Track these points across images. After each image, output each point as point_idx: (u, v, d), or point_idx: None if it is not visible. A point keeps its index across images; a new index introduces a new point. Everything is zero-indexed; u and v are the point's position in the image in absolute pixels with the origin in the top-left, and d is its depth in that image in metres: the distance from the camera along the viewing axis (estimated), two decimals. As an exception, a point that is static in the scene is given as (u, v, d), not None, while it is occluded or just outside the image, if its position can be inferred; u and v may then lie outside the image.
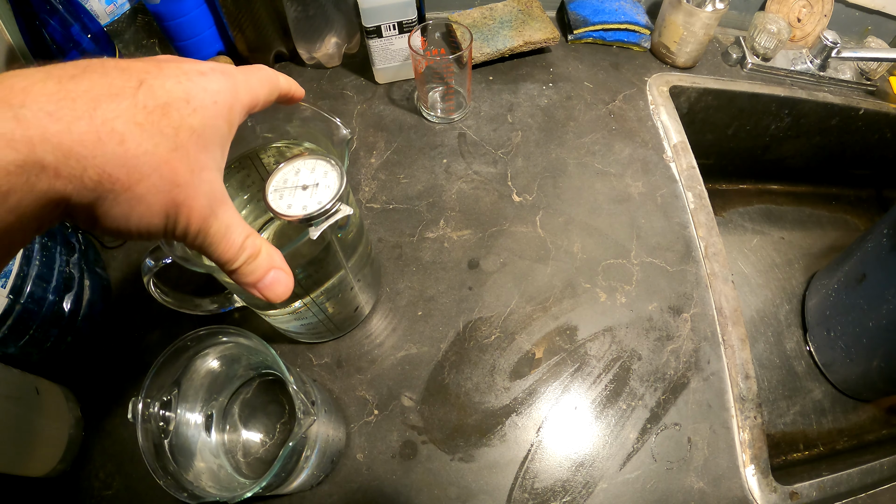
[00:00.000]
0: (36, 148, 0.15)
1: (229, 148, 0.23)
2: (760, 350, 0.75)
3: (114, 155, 0.17)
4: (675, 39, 0.70)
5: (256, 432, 0.44)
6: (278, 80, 0.26)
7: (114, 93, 0.17)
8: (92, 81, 0.17)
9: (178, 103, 0.19)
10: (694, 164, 0.64)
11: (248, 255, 0.22)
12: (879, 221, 0.62)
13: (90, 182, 0.17)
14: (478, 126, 0.66)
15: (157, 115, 0.18)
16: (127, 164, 0.17)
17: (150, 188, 0.18)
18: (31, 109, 0.16)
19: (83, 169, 0.16)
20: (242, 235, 0.22)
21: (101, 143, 0.17)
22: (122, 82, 0.18)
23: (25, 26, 0.51)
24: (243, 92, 0.22)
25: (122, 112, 0.17)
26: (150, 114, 0.18)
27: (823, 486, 0.48)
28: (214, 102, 0.20)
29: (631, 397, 0.48)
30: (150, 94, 0.18)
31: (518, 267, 0.55)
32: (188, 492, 0.31)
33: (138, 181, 0.18)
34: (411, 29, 0.62)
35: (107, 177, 0.17)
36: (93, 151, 0.16)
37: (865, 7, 0.78)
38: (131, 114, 0.17)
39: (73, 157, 0.16)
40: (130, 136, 0.17)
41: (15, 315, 0.40)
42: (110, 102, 0.17)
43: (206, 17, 0.65)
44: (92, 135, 0.16)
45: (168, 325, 0.50)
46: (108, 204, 0.17)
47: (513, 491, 0.44)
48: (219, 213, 0.21)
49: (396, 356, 0.49)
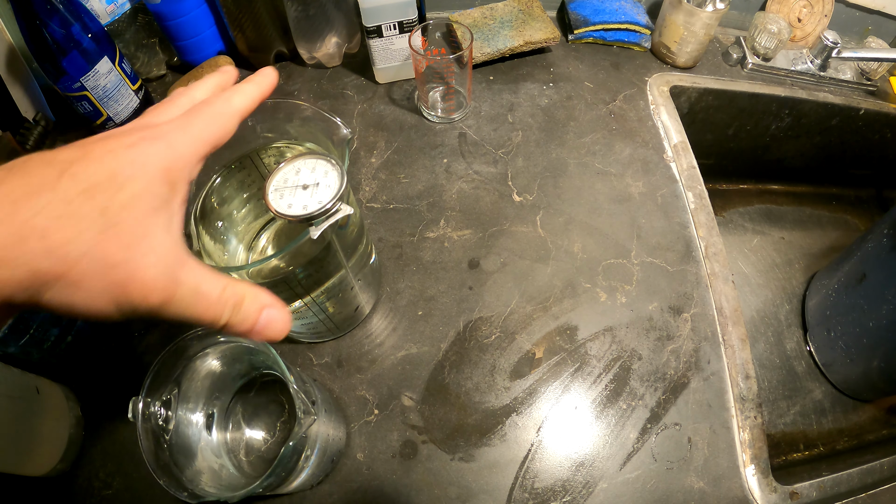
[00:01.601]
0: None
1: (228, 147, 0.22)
2: (760, 350, 0.75)
3: (37, 251, 0.17)
4: (676, 39, 0.70)
5: (258, 431, 0.44)
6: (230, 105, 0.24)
7: (33, 191, 0.18)
8: (13, 185, 0.17)
9: (102, 185, 0.19)
10: (694, 164, 0.64)
11: (231, 307, 0.21)
12: (879, 221, 0.62)
13: (25, 280, 0.17)
14: (478, 126, 0.66)
15: (77, 203, 0.18)
16: (52, 256, 0.17)
17: (82, 273, 0.18)
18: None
19: (12, 270, 0.17)
20: (218, 289, 0.21)
21: (23, 242, 0.17)
22: (43, 177, 0.18)
23: (26, 26, 0.51)
24: (182, 146, 0.22)
25: (41, 208, 0.17)
26: (70, 203, 0.18)
27: (823, 486, 0.48)
28: (144, 172, 0.20)
29: (631, 397, 0.48)
30: (72, 182, 0.18)
31: (518, 267, 0.55)
32: (188, 491, 0.31)
33: (67, 269, 0.18)
34: (412, 29, 0.62)
35: (34, 272, 0.17)
36: (16, 252, 0.17)
37: (866, 7, 0.78)
38: (51, 208, 0.18)
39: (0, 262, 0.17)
40: (51, 229, 0.17)
41: (15, 315, 0.40)
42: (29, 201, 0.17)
43: (207, 17, 0.65)
44: (13, 237, 0.17)
45: (168, 325, 0.50)
46: (49, 295, 0.18)
47: (513, 491, 0.44)
48: (181, 278, 0.20)
49: (397, 356, 0.49)
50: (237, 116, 0.24)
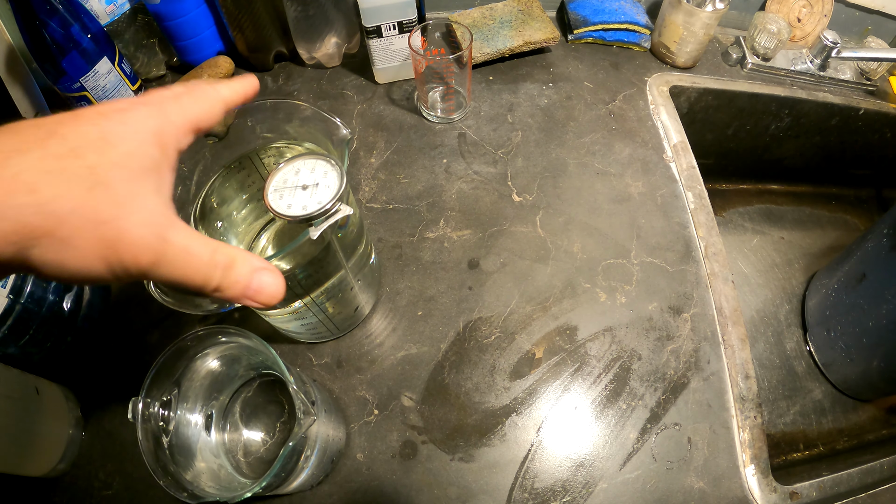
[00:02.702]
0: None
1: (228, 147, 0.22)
2: (760, 350, 0.75)
3: (25, 205, 0.17)
4: (675, 39, 0.70)
5: (257, 432, 0.44)
6: (217, 92, 0.25)
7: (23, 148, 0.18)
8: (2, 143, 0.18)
9: (92, 144, 0.19)
10: (694, 164, 0.64)
11: (222, 269, 0.21)
12: (879, 221, 0.62)
13: (11, 235, 0.17)
14: (478, 126, 0.66)
15: (67, 160, 0.18)
16: (41, 211, 0.17)
17: (73, 230, 0.18)
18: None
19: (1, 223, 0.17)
20: (208, 251, 0.21)
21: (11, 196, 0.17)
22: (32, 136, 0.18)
23: (25, 26, 0.51)
24: (174, 113, 0.22)
25: (30, 164, 0.17)
26: (61, 159, 0.18)
27: (823, 486, 0.48)
28: (135, 132, 0.20)
29: (631, 397, 0.48)
30: (62, 141, 0.18)
31: (518, 267, 0.55)
32: (188, 492, 0.31)
33: (57, 225, 0.18)
34: (411, 29, 0.62)
35: (23, 227, 0.17)
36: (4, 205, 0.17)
37: (865, 7, 0.78)
38: (40, 164, 0.18)
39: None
40: (40, 184, 0.17)
41: (15, 315, 0.41)
42: (18, 157, 0.17)
43: (206, 17, 0.65)
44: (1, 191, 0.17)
45: (168, 325, 0.50)
46: (38, 252, 0.18)
47: (513, 491, 0.44)
48: (170, 238, 0.20)
49: (396, 356, 0.49)
50: (222, 102, 0.25)
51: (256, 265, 0.22)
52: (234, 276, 0.22)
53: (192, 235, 0.21)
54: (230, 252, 0.22)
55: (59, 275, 0.19)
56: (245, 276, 0.22)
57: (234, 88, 0.26)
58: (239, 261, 0.22)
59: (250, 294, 0.22)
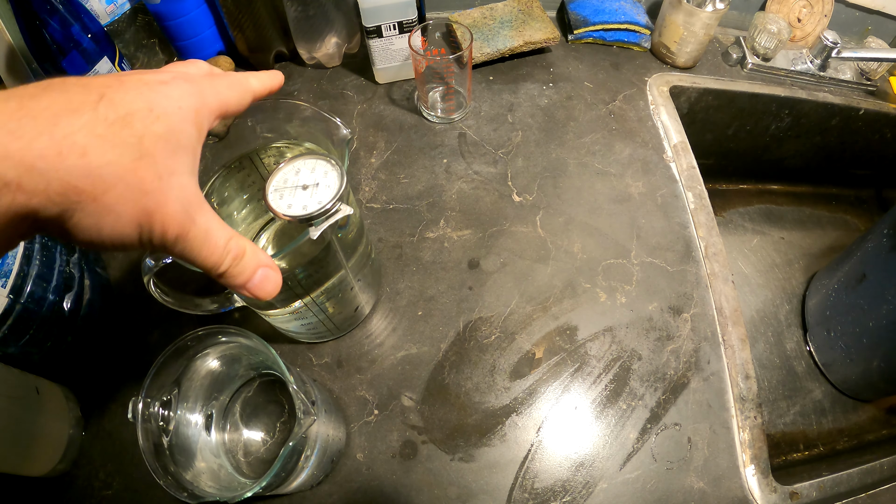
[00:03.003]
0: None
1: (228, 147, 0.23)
2: (760, 350, 0.75)
3: (76, 167, 0.17)
4: (676, 39, 0.70)
5: (257, 432, 0.44)
6: (248, 82, 0.26)
7: (74, 108, 0.18)
8: (52, 99, 0.17)
9: (140, 113, 0.19)
10: (694, 164, 0.64)
11: (233, 257, 0.22)
12: (879, 221, 0.62)
13: (56, 195, 0.17)
14: (478, 126, 0.66)
15: (118, 126, 0.18)
16: (91, 175, 0.17)
17: (117, 198, 0.18)
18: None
19: (47, 183, 0.17)
20: (225, 238, 0.22)
21: (62, 157, 0.17)
22: (83, 97, 0.18)
23: (25, 26, 0.51)
24: (210, 96, 0.23)
25: (82, 126, 0.18)
26: (112, 125, 0.18)
27: (823, 486, 0.48)
28: (179, 108, 0.21)
29: (631, 397, 0.48)
30: (111, 106, 0.18)
31: (518, 267, 0.55)
32: (188, 491, 0.31)
33: (104, 191, 0.18)
34: (411, 29, 0.62)
35: (71, 188, 0.17)
36: (54, 165, 0.17)
37: (865, 7, 0.78)
38: (92, 126, 0.18)
39: (34, 171, 0.16)
40: (92, 147, 0.18)
41: (15, 315, 0.40)
42: (70, 117, 0.17)
43: (207, 17, 0.65)
44: (52, 150, 0.17)
45: (168, 325, 0.50)
46: (78, 216, 0.18)
47: (513, 491, 0.44)
48: (196, 218, 0.21)
49: (396, 356, 0.49)
50: (251, 94, 0.26)
51: (262, 261, 0.24)
52: (241, 267, 0.23)
53: (214, 219, 0.22)
54: (242, 243, 0.23)
55: (91, 240, 0.19)
56: (250, 269, 0.23)
57: (262, 80, 0.27)
58: (248, 253, 0.23)
59: (250, 286, 0.23)
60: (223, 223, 0.22)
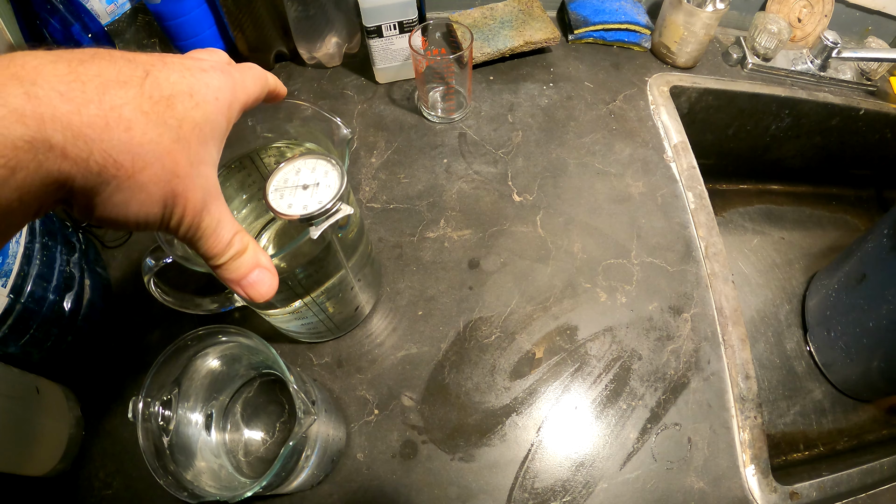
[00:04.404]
0: (46, 125, 0.15)
1: (229, 147, 0.23)
2: (760, 350, 0.75)
3: (120, 141, 0.17)
4: (676, 39, 0.70)
5: (257, 431, 0.44)
6: (267, 78, 0.26)
7: (122, 80, 0.18)
8: (101, 67, 0.17)
9: (182, 96, 0.19)
10: (694, 164, 0.64)
11: (234, 252, 0.23)
12: (879, 221, 0.62)
13: (95, 166, 0.17)
14: (478, 126, 0.66)
15: (162, 106, 0.18)
16: (132, 151, 0.17)
17: (152, 177, 0.18)
18: (42, 88, 0.16)
19: (90, 152, 0.16)
20: (231, 232, 0.22)
21: (108, 129, 0.17)
22: (130, 71, 0.18)
23: (26, 25, 0.51)
24: (240, 90, 0.23)
25: (129, 100, 0.17)
26: (156, 104, 0.18)
27: (823, 486, 0.48)
28: (216, 99, 0.21)
29: (631, 397, 0.48)
30: (156, 85, 0.19)
31: (518, 267, 0.55)
32: (188, 491, 0.31)
33: (142, 169, 0.18)
34: (412, 29, 0.62)
35: (112, 162, 0.17)
36: (101, 135, 0.17)
37: (866, 7, 0.78)
38: (138, 102, 0.18)
39: (81, 138, 0.16)
40: (137, 123, 0.17)
41: (15, 314, 0.40)
42: (119, 89, 0.17)
43: (207, 17, 0.65)
44: (101, 119, 0.17)
45: (168, 324, 0.50)
46: (111, 190, 0.18)
47: (513, 491, 0.44)
48: (211, 208, 0.21)
49: (397, 356, 0.49)
50: (267, 89, 0.26)
51: (261, 262, 0.24)
52: (238, 263, 0.23)
53: (226, 212, 0.22)
54: (245, 241, 0.23)
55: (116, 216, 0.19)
56: (246, 267, 0.23)
57: (277, 82, 0.27)
58: (249, 252, 0.23)
59: (244, 284, 0.24)
60: (233, 218, 0.23)
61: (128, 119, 0.17)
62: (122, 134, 0.17)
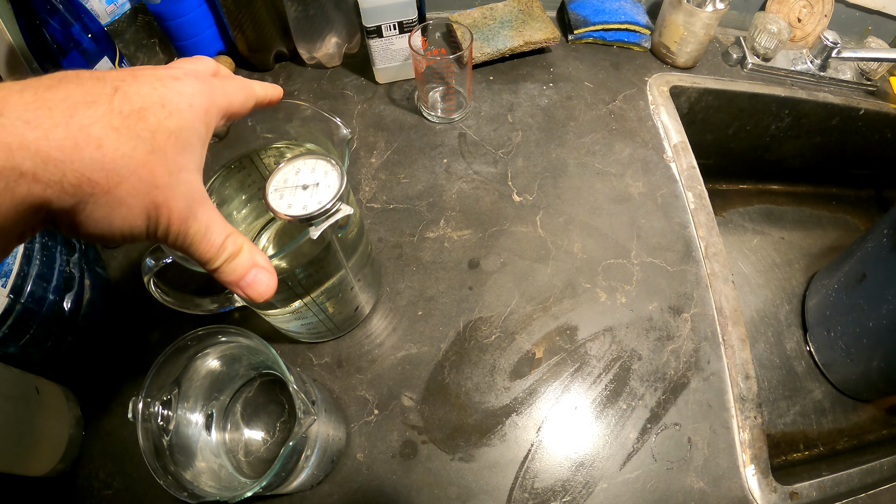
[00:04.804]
0: (14, 154, 0.16)
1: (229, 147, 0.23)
2: (760, 350, 0.75)
3: (91, 159, 0.17)
4: (676, 39, 0.70)
5: (257, 432, 0.44)
6: (253, 87, 0.26)
7: (89, 100, 0.18)
8: (68, 91, 0.18)
9: (153, 108, 0.19)
10: (694, 164, 0.64)
11: (228, 255, 0.23)
12: (879, 221, 0.62)
13: (69, 187, 0.17)
14: (478, 126, 0.66)
15: (133, 120, 0.19)
16: (105, 168, 0.18)
17: (130, 190, 0.18)
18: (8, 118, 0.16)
19: (62, 174, 0.17)
20: (222, 235, 0.22)
21: (78, 149, 0.17)
22: (98, 90, 0.18)
23: (26, 26, 0.51)
24: (219, 95, 0.23)
25: (98, 118, 0.18)
26: (127, 118, 0.18)
27: (823, 486, 0.48)
28: (190, 105, 0.21)
29: (631, 397, 0.48)
30: (126, 99, 0.19)
31: (518, 267, 0.55)
32: (188, 491, 0.31)
33: (118, 184, 0.18)
34: (412, 29, 0.62)
35: (86, 180, 0.17)
36: (70, 156, 0.17)
37: (865, 7, 0.78)
38: (108, 119, 0.18)
39: (51, 162, 0.16)
40: (107, 140, 0.18)
41: (15, 315, 0.40)
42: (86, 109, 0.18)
43: (207, 17, 0.65)
44: (69, 140, 0.17)
45: (168, 325, 0.50)
46: (90, 208, 0.18)
47: (513, 491, 0.44)
48: (198, 214, 0.21)
49: (396, 356, 0.49)
50: (254, 99, 0.26)
51: (258, 262, 0.24)
52: (234, 265, 0.23)
53: (215, 216, 0.22)
54: (240, 242, 0.23)
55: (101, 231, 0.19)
56: (243, 267, 0.23)
57: (266, 90, 0.27)
58: (244, 252, 0.23)
59: (242, 284, 0.24)
60: (224, 220, 0.23)
61: (97, 137, 0.17)
62: (93, 152, 0.17)
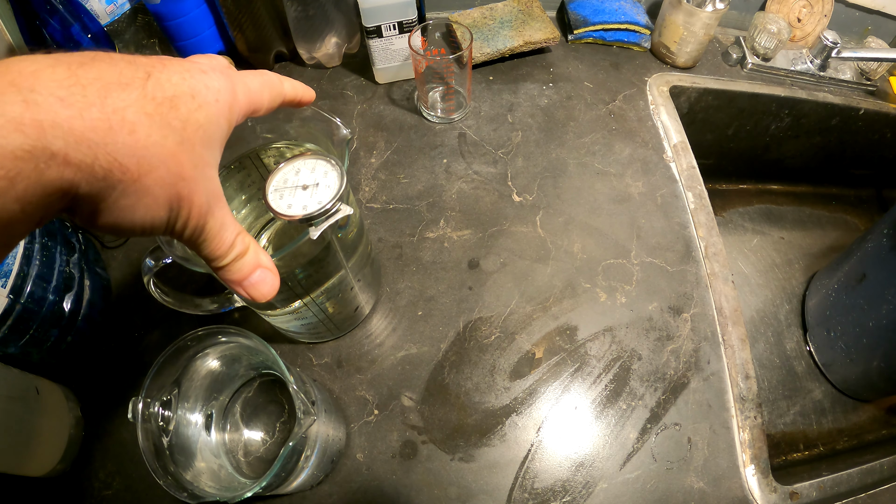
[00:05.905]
0: (46, 133, 0.15)
1: (228, 147, 0.23)
2: (760, 350, 0.75)
3: (124, 144, 0.17)
4: (676, 39, 0.70)
5: (257, 432, 0.44)
6: (282, 85, 0.25)
7: (124, 82, 0.17)
8: (101, 70, 0.17)
9: (184, 98, 0.19)
10: (694, 164, 0.64)
11: (236, 253, 0.23)
12: (879, 221, 0.62)
13: (100, 171, 0.16)
14: (478, 126, 0.66)
15: (165, 108, 0.18)
16: (137, 155, 0.17)
17: (158, 180, 0.18)
18: (41, 94, 0.15)
19: (94, 157, 0.16)
20: (234, 233, 0.22)
21: (112, 132, 0.16)
22: (132, 73, 0.18)
23: (26, 25, 0.51)
24: (241, 94, 0.23)
25: (132, 102, 0.17)
26: (160, 105, 0.18)
27: (823, 486, 0.48)
28: (216, 100, 0.21)
29: (631, 397, 0.48)
30: (159, 86, 0.18)
31: (518, 267, 0.55)
32: (188, 491, 0.31)
33: (147, 172, 0.17)
34: (411, 29, 0.62)
35: (117, 166, 0.16)
36: (104, 139, 0.16)
37: (865, 7, 0.78)
38: (141, 104, 0.17)
39: (84, 143, 0.16)
40: (141, 126, 0.17)
41: (15, 315, 0.40)
42: (121, 91, 0.17)
43: (207, 17, 0.65)
44: (103, 122, 0.16)
45: (168, 325, 0.50)
46: (116, 195, 0.17)
47: (513, 491, 0.44)
48: (215, 211, 0.21)
49: (396, 356, 0.49)
50: (281, 97, 0.25)
51: (263, 262, 0.24)
52: (240, 265, 0.23)
53: (228, 214, 0.22)
54: (247, 242, 0.23)
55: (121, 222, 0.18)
56: (248, 267, 0.23)
57: (297, 90, 0.27)
58: (250, 253, 0.23)
59: (246, 284, 0.24)
60: (235, 220, 0.23)
61: (131, 121, 0.17)
62: (126, 137, 0.17)
